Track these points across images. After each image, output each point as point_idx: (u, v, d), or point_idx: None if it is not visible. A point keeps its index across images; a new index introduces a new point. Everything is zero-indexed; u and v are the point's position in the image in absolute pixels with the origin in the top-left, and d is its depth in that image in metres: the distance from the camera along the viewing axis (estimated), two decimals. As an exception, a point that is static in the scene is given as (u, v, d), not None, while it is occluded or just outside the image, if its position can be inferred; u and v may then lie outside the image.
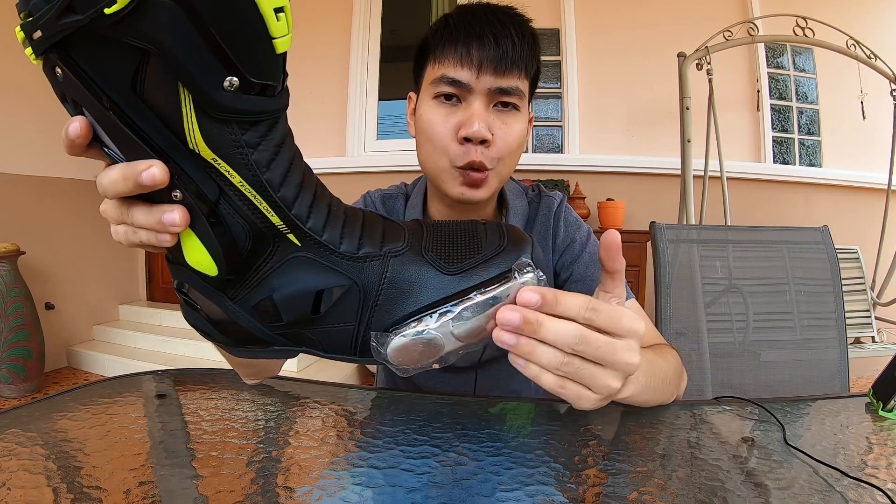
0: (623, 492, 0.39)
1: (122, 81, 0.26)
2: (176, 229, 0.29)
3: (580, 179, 2.69)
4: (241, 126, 0.28)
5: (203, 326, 0.36)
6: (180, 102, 0.26)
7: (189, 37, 0.24)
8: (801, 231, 1.16)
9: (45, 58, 0.26)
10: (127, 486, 0.38)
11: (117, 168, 0.28)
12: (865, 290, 2.36)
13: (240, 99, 0.27)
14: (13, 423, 0.49)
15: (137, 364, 2.62)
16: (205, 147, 0.27)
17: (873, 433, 0.54)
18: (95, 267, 3.07)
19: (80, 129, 0.27)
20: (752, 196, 2.70)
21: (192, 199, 0.29)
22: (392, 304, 0.33)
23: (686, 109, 2.13)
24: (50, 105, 2.39)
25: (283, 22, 0.26)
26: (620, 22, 2.80)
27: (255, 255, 0.32)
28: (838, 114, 2.86)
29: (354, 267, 0.33)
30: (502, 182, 0.67)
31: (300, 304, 0.33)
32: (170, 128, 0.27)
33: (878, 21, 2.80)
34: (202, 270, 0.31)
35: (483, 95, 0.61)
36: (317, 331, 0.34)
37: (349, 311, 0.33)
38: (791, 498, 0.39)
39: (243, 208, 0.30)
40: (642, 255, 2.29)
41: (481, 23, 0.60)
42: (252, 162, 0.29)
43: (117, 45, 0.24)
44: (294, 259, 0.32)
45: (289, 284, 0.32)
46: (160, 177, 0.27)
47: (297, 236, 0.32)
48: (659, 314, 1.05)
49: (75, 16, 0.23)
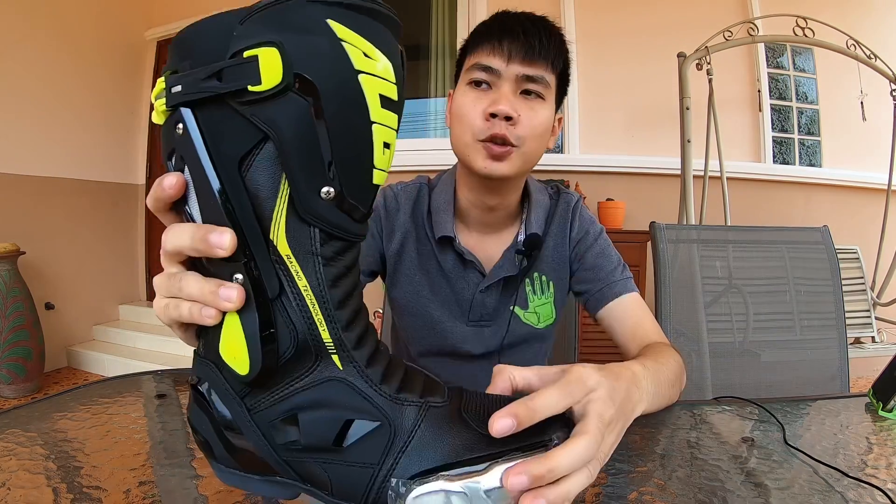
0: (623, 492, 0.39)
1: (234, 155, 0.27)
2: (228, 306, 0.28)
3: (580, 179, 2.69)
4: (322, 236, 0.28)
5: (205, 433, 0.33)
6: (278, 193, 0.27)
7: (309, 136, 0.26)
8: (801, 231, 1.16)
9: (172, 111, 0.28)
10: (127, 486, 0.38)
11: (189, 224, 0.29)
12: (865, 290, 2.36)
13: (331, 210, 0.28)
14: (13, 423, 0.49)
15: (137, 364, 2.62)
16: (284, 242, 0.28)
17: (873, 433, 0.54)
18: (95, 267, 3.08)
19: (177, 184, 0.28)
20: (752, 196, 2.70)
21: (250, 287, 0.28)
22: (420, 454, 0.31)
23: (686, 110, 2.13)
24: (50, 105, 2.41)
25: (386, 157, 0.29)
26: (620, 23, 2.80)
27: (292, 368, 0.30)
28: (838, 114, 2.87)
29: (391, 407, 0.31)
30: (526, 164, 0.70)
31: (326, 429, 0.31)
32: (258, 213, 0.28)
33: (878, 21, 2.80)
34: (232, 366, 0.30)
35: (511, 81, 0.66)
36: (331, 466, 0.31)
37: (374, 450, 0.31)
38: (791, 498, 0.39)
39: (298, 314, 0.29)
40: (642, 255, 2.29)
41: (513, 21, 0.68)
42: (322, 272, 0.29)
43: (243, 121, 0.26)
44: (332, 381, 0.31)
45: (319, 405, 0.31)
46: (229, 244, 0.27)
47: (342, 359, 0.31)
48: (659, 314, 1.05)
49: (219, 83, 0.25)
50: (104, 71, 3.11)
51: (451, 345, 0.78)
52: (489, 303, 0.76)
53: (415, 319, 0.78)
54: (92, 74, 3.02)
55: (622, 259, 0.78)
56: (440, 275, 0.77)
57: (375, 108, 0.27)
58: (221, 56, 0.26)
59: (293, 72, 0.25)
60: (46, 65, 2.75)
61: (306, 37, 0.26)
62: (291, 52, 0.25)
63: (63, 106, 2.86)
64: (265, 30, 0.26)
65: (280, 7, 0.26)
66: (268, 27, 0.26)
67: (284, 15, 0.26)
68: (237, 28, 0.26)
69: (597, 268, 0.76)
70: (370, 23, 0.27)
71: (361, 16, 0.27)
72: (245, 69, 0.25)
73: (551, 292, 0.78)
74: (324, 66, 0.26)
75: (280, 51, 0.25)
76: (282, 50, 0.25)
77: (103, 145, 3.14)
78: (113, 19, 3.16)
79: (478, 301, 0.76)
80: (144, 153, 3.41)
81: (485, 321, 0.77)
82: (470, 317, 0.77)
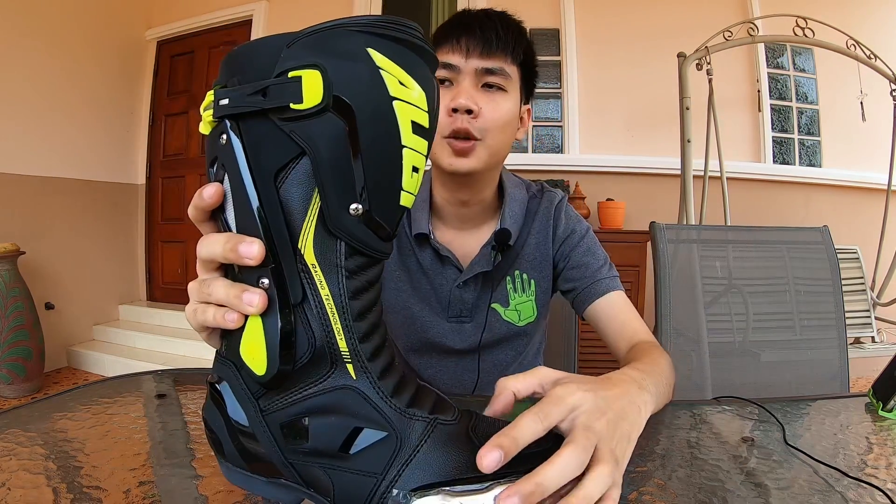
0: (623, 492, 0.39)
1: (271, 167, 0.29)
2: (250, 310, 0.30)
3: (580, 179, 2.69)
4: (348, 250, 0.30)
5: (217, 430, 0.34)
6: (309, 205, 0.29)
7: (344, 155, 0.28)
8: (800, 231, 1.16)
9: (218, 122, 0.30)
10: (127, 486, 0.38)
11: (222, 234, 0.31)
12: (865, 290, 2.36)
13: (358, 226, 0.30)
14: (13, 423, 0.49)
15: (137, 364, 2.62)
16: (311, 252, 0.30)
17: (873, 433, 0.54)
18: (95, 267, 3.08)
19: (215, 194, 0.31)
20: (752, 196, 2.70)
21: (275, 292, 0.30)
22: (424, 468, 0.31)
23: (686, 110, 2.14)
24: (50, 105, 2.41)
25: (414, 180, 0.31)
26: (620, 22, 2.80)
27: (307, 372, 0.31)
28: (838, 114, 2.87)
29: (400, 420, 0.32)
30: (493, 157, 0.70)
31: (334, 434, 0.32)
32: (288, 223, 0.29)
33: (878, 21, 2.80)
34: (251, 366, 0.31)
35: (471, 76, 0.67)
36: (336, 472, 0.32)
37: (378, 460, 0.31)
38: (791, 498, 0.39)
39: (318, 321, 0.30)
40: (642, 255, 2.29)
41: (470, 18, 0.69)
42: (344, 284, 0.30)
43: (283, 136, 0.28)
44: (345, 389, 0.31)
45: (330, 411, 0.32)
46: (256, 253, 0.29)
47: (356, 369, 0.31)
48: (659, 314, 1.05)
49: (263, 99, 0.28)
50: (104, 70, 3.11)
51: (433, 340, 0.79)
52: (468, 298, 0.77)
53: (397, 315, 0.79)
54: (92, 74, 3.02)
55: (609, 258, 0.78)
56: (420, 271, 0.77)
57: (407, 133, 0.29)
58: (268, 75, 0.28)
59: (333, 94, 0.27)
60: (46, 64, 2.75)
61: (347, 62, 0.28)
62: (333, 76, 0.27)
63: (63, 105, 2.86)
64: (310, 53, 0.28)
65: (325, 34, 0.28)
66: (312, 51, 0.28)
67: (328, 41, 0.28)
68: (285, 50, 0.28)
69: (583, 266, 0.76)
70: (408, 54, 0.29)
71: (400, 46, 0.29)
72: (289, 88, 0.27)
73: (532, 290, 0.79)
74: (361, 90, 0.28)
75: (322, 73, 0.27)
76: (324, 73, 0.27)
77: (103, 145, 3.15)
78: (113, 19, 3.16)
79: (456, 297, 0.76)
80: (144, 153, 3.41)
81: (464, 317, 0.78)
82: (449, 313, 0.77)
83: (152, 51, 3.42)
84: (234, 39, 3.22)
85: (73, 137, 2.93)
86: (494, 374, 0.80)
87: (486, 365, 0.80)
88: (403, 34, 0.29)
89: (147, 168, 3.42)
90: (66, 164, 2.90)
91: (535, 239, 0.78)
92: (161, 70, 3.43)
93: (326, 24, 0.28)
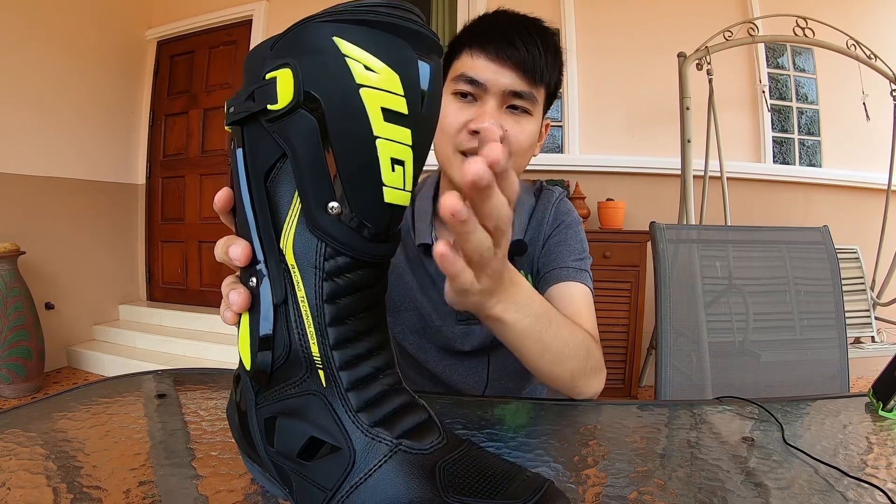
0: (623, 492, 0.39)
1: (261, 169, 0.30)
2: (234, 308, 0.31)
3: (580, 179, 2.69)
4: (329, 251, 0.29)
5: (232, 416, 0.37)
6: (291, 205, 0.29)
7: (316, 152, 0.27)
8: (801, 231, 1.16)
9: (231, 129, 0.31)
10: (127, 486, 0.38)
11: (223, 238, 0.33)
12: (865, 290, 2.36)
13: (337, 226, 0.29)
14: (13, 423, 0.49)
15: (137, 364, 2.62)
16: (290, 252, 0.30)
17: (873, 433, 0.54)
18: (95, 267, 3.08)
19: (223, 198, 0.33)
20: (752, 196, 2.70)
21: (262, 291, 0.31)
22: (375, 493, 0.29)
23: (686, 109, 2.14)
24: (50, 105, 2.41)
25: (398, 174, 0.29)
26: (620, 22, 2.80)
27: (286, 374, 0.31)
28: (838, 114, 2.87)
29: (360, 438, 0.29)
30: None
31: (292, 440, 0.31)
32: (274, 223, 0.30)
33: (878, 21, 2.80)
34: (243, 360, 0.32)
35: (497, 96, 0.64)
36: (298, 478, 0.31)
37: (329, 475, 0.30)
38: (791, 498, 0.39)
39: (293, 323, 0.30)
40: (642, 255, 2.29)
41: (509, 29, 0.63)
42: (321, 286, 0.29)
43: (269, 138, 0.29)
44: (312, 396, 0.31)
45: (294, 414, 0.31)
46: (241, 254, 0.31)
47: (326, 376, 0.30)
48: (659, 314, 1.05)
49: (252, 104, 0.28)
50: (104, 70, 3.10)
51: (443, 342, 0.79)
52: None
53: (409, 316, 0.79)
54: (92, 74, 3.02)
55: (587, 253, 0.75)
56: (427, 278, 0.77)
57: (378, 122, 0.27)
58: (259, 79, 0.28)
59: (303, 90, 0.27)
60: (46, 64, 2.75)
61: (315, 56, 0.27)
62: (303, 72, 0.27)
63: (63, 105, 2.86)
64: (286, 52, 0.28)
65: (297, 31, 0.28)
66: (288, 50, 0.28)
67: (299, 37, 0.28)
68: (268, 53, 0.28)
69: (551, 253, 0.74)
70: (380, 36, 0.27)
71: (372, 30, 0.27)
72: (267, 90, 0.27)
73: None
74: (328, 82, 0.27)
75: (293, 71, 0.27)
76: (294, 70, 0.27)
77: (103, 145, 3.14)
78: (113, 19, 3.15)
79: None
80: (144, 153, 3.41)
81: (473, 320, 0.77)
82: (458, 316, 0.77)
83: (152, 51, 3.42)
84: (234, 39, 3.22)
85: (73, 137, 2.93)
86: (504, 374, 0.80)
87: (496, 365, 0.80)
88: (375, 16, 0.27)
89: (147, 168, 3.42)
90: (67, 164, 2.89)
91: (530, 236, 0.78)
92: (161, 70, 3.43)
93: (301, 21, 0.28)
